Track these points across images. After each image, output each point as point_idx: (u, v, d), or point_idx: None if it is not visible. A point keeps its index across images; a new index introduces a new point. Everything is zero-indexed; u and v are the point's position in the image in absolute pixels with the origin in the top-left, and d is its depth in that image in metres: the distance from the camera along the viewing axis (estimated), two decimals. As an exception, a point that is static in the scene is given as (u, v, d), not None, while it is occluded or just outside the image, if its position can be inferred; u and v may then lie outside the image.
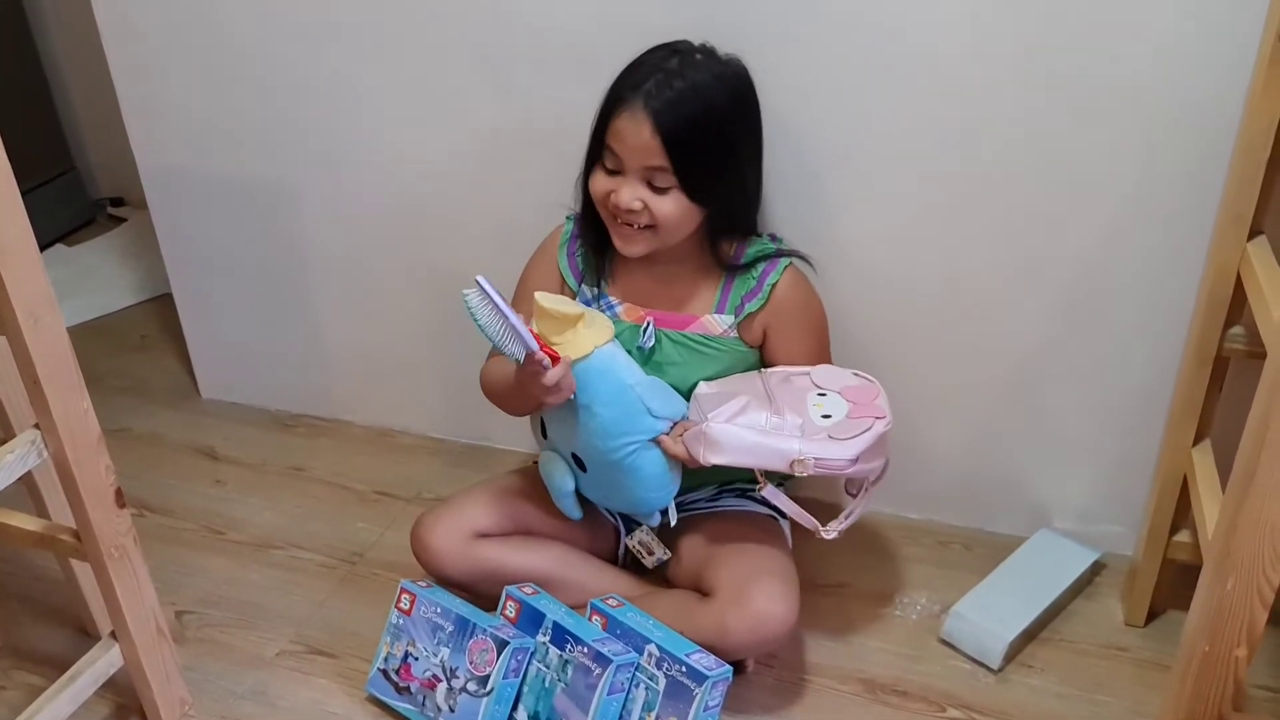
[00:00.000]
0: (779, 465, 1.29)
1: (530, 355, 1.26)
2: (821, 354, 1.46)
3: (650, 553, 1.47)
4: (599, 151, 1.34)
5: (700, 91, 1.29)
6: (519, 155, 1.59)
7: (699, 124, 1.29)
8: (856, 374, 1.39)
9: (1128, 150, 1.35)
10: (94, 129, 2.69)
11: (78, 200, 2.70)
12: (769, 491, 1.34)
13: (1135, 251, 1.41)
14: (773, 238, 1.46)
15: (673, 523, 1.42)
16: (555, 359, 1.28)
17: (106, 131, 2.40)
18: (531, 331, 1.27)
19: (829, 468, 1.28)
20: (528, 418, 1.48)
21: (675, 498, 1.40)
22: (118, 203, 2.74)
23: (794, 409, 1.33)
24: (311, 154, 1.72)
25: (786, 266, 1.41)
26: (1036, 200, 1.41)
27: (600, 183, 1.34)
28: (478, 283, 1.23)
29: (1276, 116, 1.15)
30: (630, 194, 1.32)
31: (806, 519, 1.35)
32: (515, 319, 1.24)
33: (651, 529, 1.46)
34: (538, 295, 1.31)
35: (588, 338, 1.31)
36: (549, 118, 1.53)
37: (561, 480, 1.41)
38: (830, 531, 1.35)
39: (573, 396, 1.32)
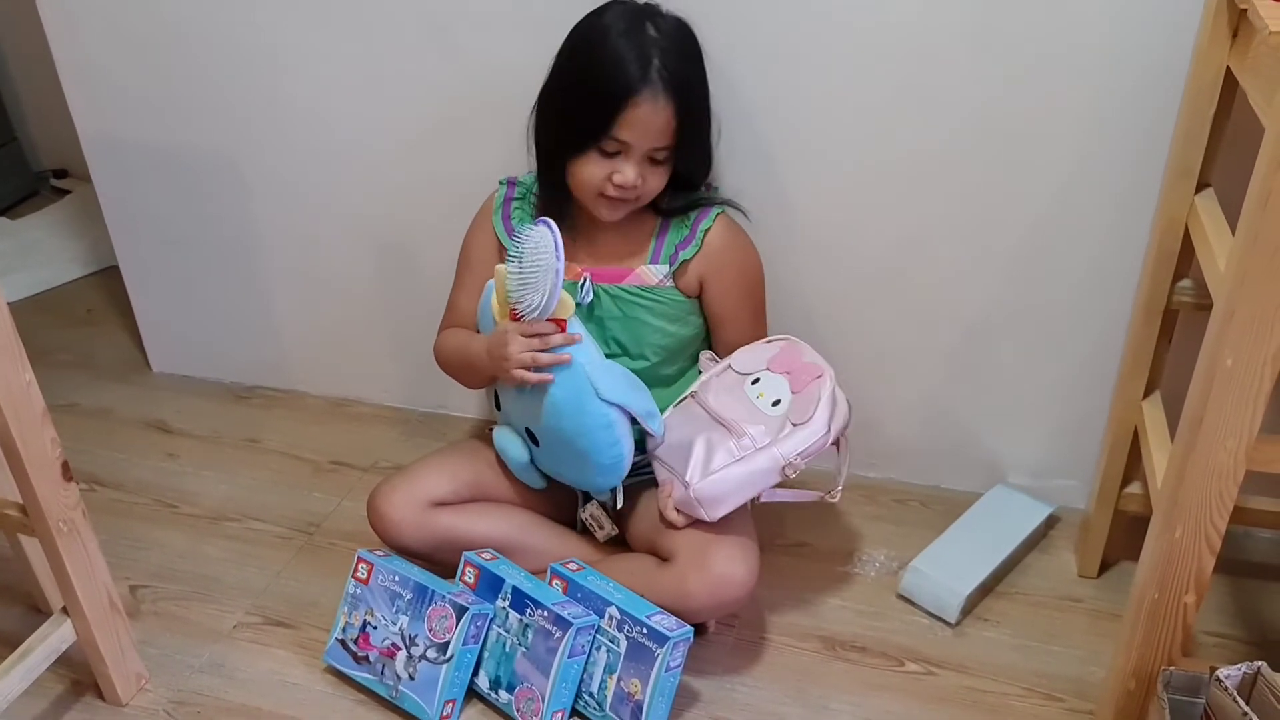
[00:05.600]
0: (775, 479, 1.31)
1: (539, 321, 1.28)
2: (756, 310, 1.47)
3: (600, 527, 1.46)
4: (590, 139, 1.31)
5: (692, 64, 1.33)
6: (467, 119, 1.57)
7: (699, 99, 1.34)
8: (769, 341, 1.41)
9: (1076, 107, 1.35)
10: (35, 100, 2.63)
11: (20, 173, 2.64)
12: (767, 494, 1.34)
13: (1085, 207, 1.42)
14: (708, 187, 1.45)
15: (619, 505, 1.42)
16: (562, 328, 1.29)
17: (48, 102, 2.34)
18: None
19: (815, 453, 1.31)
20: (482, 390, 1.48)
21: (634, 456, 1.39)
22: (61, 175, 2.68)
23: (746, 416, 1.33)
24: (257, 122, 1.68)
25: (719, 214, 1.42)
26: (985, 158, 1.41)
27: (596, 168, 1.32)
28: (545, 224, 1.24)
29: (1222, 69, 1.16)
30: (634, 173, 1.32)
31: (811, 495, 1.38)
32: (560, 279, 1.25)
33: (601, 504, 1.46)
34: (499, 268, 1.31)
35: None
36: (497, 80, 1.51)
37: (516, 454, 1.41)
38: (836, 495, 1.37)
39: None
